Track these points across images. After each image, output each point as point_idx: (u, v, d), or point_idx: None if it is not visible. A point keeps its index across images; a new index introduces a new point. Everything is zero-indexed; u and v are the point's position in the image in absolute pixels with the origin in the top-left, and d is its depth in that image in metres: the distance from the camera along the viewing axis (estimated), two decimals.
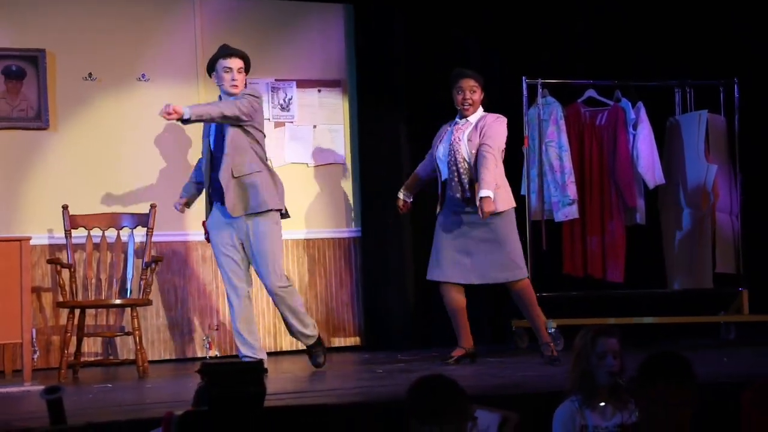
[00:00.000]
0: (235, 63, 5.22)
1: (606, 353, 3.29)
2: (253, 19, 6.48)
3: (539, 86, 6.30)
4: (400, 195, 5.66)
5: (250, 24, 6.45)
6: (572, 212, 6.24)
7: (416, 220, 6.47)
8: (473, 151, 5.28)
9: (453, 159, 5.32)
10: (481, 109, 5.45)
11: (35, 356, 5.57)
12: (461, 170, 5.29)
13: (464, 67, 5.62)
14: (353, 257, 6.63)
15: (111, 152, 6.09)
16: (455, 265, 5.34)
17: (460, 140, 5.34)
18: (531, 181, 6.33)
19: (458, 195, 5.30)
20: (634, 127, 6.33)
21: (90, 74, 6.07)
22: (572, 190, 6.22)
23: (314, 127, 6.61)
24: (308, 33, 6.62)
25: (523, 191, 6.40)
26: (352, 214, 6.66)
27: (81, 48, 6.03)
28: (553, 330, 5.98)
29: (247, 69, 5.28)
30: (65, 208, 5.68)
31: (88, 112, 6.06)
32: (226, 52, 5.25)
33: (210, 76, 5.36)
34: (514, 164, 6.49)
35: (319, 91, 6.62)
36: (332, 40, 6.66)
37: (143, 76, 6.16)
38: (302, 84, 6.56)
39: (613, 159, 6.36)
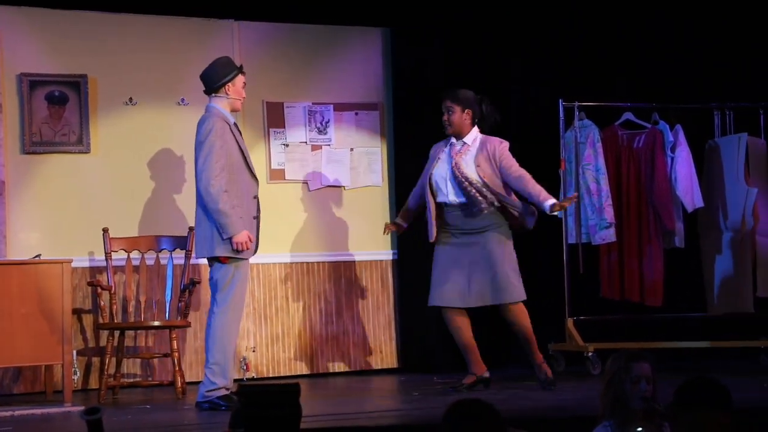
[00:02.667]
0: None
1: (640, 378, 3.26)
2: (291, 43, 6.55)
3: (576, 109, 6.29)
4: (397, 220, 5.67)
5: (288, 48, 6.52)
6: (609, 235, 6.21)
7: None
8: (485, 178, 5.20)
9: (462, 178, 5.21)
10: (476, 130, 5.35)
11: (75, 377, 5.63)
12: (476, 184, 5.19)
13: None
14: (390, 280, 6.64)
15: (151, 176, 6.17)
16: (456, 289, 5.26)
17: (465, 164, 5.25)
18: None
19: (483, 206, 5.17)
20: (672, 150, 6.30)
21: (130, 99, 6.16)
22: (609, 213, 6.19)
23: (351, 150, 6.64)
24: (346, 56, 6.67)
25: (560, 214, 6.37)
26: (389, 237, 6.67)
27: (122, 73, 6.12)
28: (590, 354, 5.95)
29: None
30: (105, 231, 5.76)
31: (129, 136, 6.15)
32: (242, 68, 5.06)
33: (218, 83, 4.98)
34: (550, 187, 6.48)
35: (356, 114, 6.67)
36: (370, 63, 6.71)
37: (183, 100, 6.24)
38: (339, 107, 6.61)
39: (651, 182, 6.33)
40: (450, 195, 5.28)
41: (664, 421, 3.21)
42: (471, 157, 5.27)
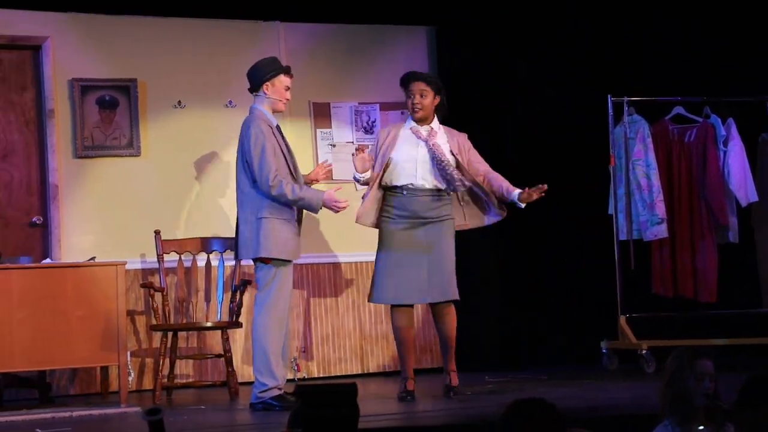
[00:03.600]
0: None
1: (704, 375, 3.21)
2: (337, 44, 6.56)
3: (625, 104, 6.23)
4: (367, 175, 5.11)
5: (334, 48, 6.53)
6: (661, 231, 6.14)
7: (501, 241, 6.45)
8: (463, 163, 5.02)
9: (442, 158, 4.94)
10: (437, 120, 5.12)
11: (130, 378, 5.69)
12: (451, 165, 4.95)
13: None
14: None
15: (200, 178, 6.22)
16: (413, 283, 4.94)
17: (440, 146, 4.99)
18: (618, 200, 6.26)
19: (460, 184, 4.93)
20: (725, 144, 6.21)
21: (179, 102, 6.21)
22: (661, 209, 6.12)
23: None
24: (391, 56, 6.67)
25: (611, 210, 6.32)
26: None
27: (170, 76, 6.18)
28: (644, 352, 5.88)
29: None
30: (157, 233, 5.80)
31: (178, 138, 6.20)
32: (289, 70, 5.00)
33: (261, 82, 4.92)
34: (600, 183, 6.43)
35: (402, 113, 6.65)
36: (415, 62, 6.69)
37: (230, 102, 6.28)
38: (385, 106, 6.61)
39: (702, 176, 6.25)
40: (419, 178, 4.97)
41: (726, 420, 3.16)
42: (444, 141, 5.05)
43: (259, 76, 4.93)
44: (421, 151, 5.01)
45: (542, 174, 6.62)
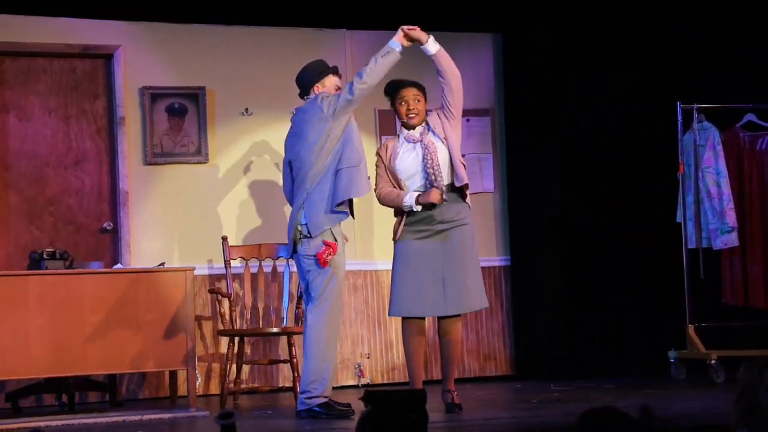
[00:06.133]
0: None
1: None
2: (402, 51, 6.55)
3: (695, 111, 6.14)
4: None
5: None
6: (732, 240, 6.04)
7: (565, 248, 6.40)
8: (453, 149, 4.87)
9: (429, 165, 4.82)
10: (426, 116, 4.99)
11: (198, 383, 5.76)
12: (437, 171, 4.82)
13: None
14: (503, 286, 6.59)
15: (266, 184, 6.28)
16: (429, 296, 4.78)
17: (433, 143, 4.86)
18: (687, 208, 6.17)
19: (443, 181, 4.79)
20: None
21: (246, 109, 6.28)
22: (731, 217, 6.02)
23: (463, 156, 6.60)
24: (457, 62, 6.63)
25: (679, 218, 6.24)
26: (502, 244, 6.63)
27: (238, 84, 6.25)
28: (713, 362, 5.78)
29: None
30: (225, 239, 5.87)
31: (245, 145, 6.27)
32: (337, 70, 4.96)
33: (312, 84, 4.92)
34: (669, 191, 6.35)
35: (468, 120, 6.64)
36: (481, 69, 6.68)
37: (297, 109, 6.32)
38: None
39: None
40: (418, 185, 4.86)
41: None
42: (438, 132, 4.89)
43: (309, 79, 4.91)
44: (421, 153, 4.89)
45: (610, 181, 6.59)
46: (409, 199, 4.83)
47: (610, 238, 6.54)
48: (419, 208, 4.82)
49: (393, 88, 5.03)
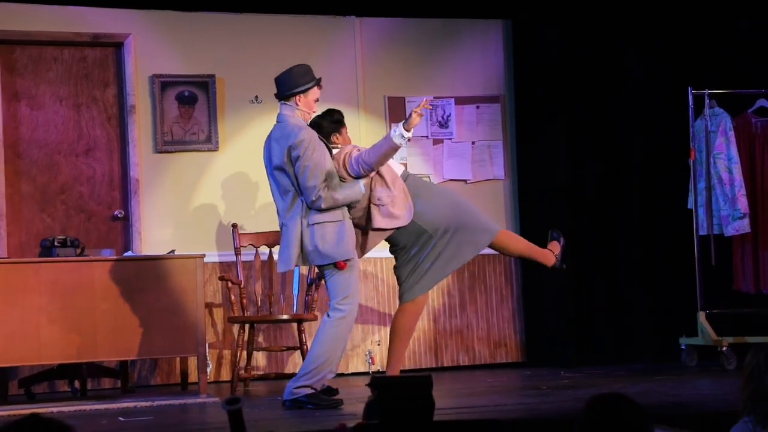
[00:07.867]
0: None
1: None
2: (412, 38, 6.56)
3: (706, 97, 6.11)
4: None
5: (409, 42, 6.54)
6: (743, 226, 6.02)
7: (576, 235, 6.39)
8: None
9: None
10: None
11: (208, 369, 5.78)
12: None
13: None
14: (514, 273, 6.59)
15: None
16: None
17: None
18: (698, 194, 6.14)
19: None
20: None
21: (256, 97, 6.29)
22: (743, 204, 5.99)
23: (473, 143, 6.62)
24: (466, 50, 6.65)
25: (690, 205, 6.22)
26: (512, 230, 6.61)
27: (248, 72, 6.25)
28: (724, 349, 5.77)
29: None
30: (235, 226, 5.89)
31: (255, 133, 6.26)
32: (320, 81, 4.73)
33: (290, 91, 4.68)
34: (680, 177, 6.33)
35: (478, 107, 6.64)
36: (490, 56, 6.67)
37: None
38: (461, 101, 6.59)
39: None
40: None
41: None
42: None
43: (293, 84, 4.66)
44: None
45: (621, 167, 6.57)
46: (397, 134, 4.65)
47: (620, 225, 6.52)
48: (410, 134, 4.71)
49: (342, 118, 5.02)
